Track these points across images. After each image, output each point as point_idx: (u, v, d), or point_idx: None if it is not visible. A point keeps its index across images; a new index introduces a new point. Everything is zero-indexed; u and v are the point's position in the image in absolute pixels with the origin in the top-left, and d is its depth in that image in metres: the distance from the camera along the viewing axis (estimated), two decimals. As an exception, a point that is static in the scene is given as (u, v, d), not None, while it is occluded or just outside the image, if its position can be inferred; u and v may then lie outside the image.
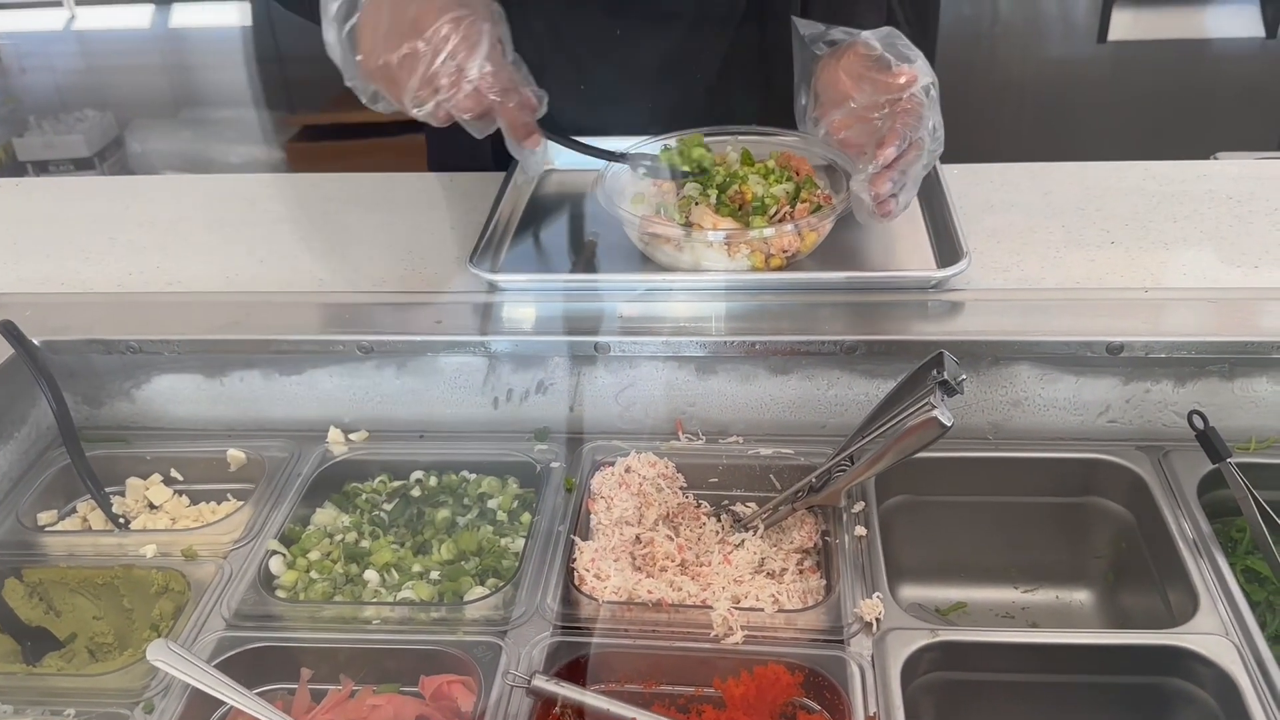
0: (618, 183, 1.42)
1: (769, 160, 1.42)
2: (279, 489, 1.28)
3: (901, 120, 1.25)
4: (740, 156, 1.43)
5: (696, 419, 1.34)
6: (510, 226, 1.49)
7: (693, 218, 1.32)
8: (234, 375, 1.35)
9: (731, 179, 1.36)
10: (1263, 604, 1.11)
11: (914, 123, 1.25)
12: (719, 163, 1.41)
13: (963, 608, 1.29)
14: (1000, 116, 2.95)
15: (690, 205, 1.34)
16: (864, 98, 1.31)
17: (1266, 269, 1.33)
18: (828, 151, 1.43)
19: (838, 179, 1.42)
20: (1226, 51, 2.78)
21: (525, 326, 1.31)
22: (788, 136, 1.48)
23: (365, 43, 1.22)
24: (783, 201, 1.34)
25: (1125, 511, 1.25)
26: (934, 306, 1.29)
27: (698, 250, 1.31)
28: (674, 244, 1.32)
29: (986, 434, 1.30)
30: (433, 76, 1.18)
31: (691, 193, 1.36)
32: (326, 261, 1.47)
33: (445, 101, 1.20)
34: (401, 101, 1.22)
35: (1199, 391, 1.26)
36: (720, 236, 1.30)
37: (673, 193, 1.39)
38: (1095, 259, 1.36)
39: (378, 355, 1.32)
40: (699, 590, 1.13)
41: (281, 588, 1.18)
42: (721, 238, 1.30)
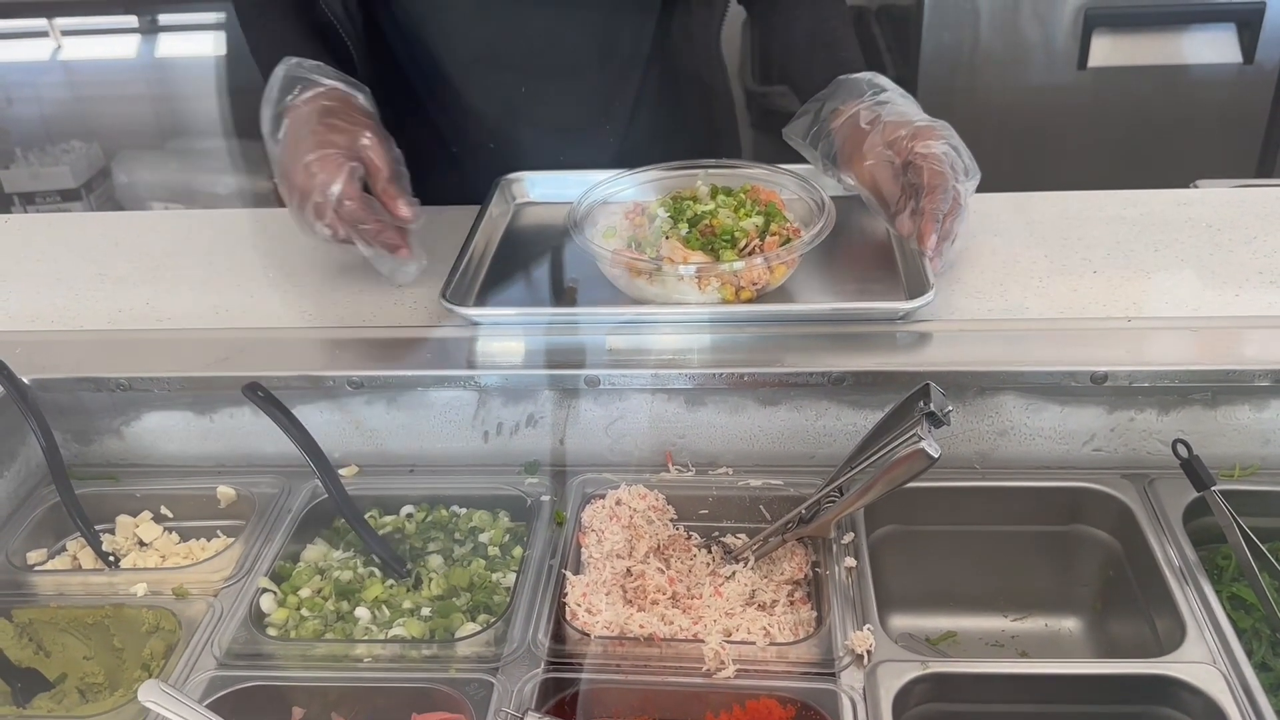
0: (590, 216, 1.44)
1: (739, 193, 1.44)
2: (269, 525, 1.28)
3: (932, 174, 1.32)
4: (710, 191, 1.45)
5: (686, 450, 1.35)
6: (485, 260, 1.50)
7: (663, 251, 1.34)
8: (224, 412, 1.36)
9: (702, 214, 1.38)
10: (1249, 631, 1.12)
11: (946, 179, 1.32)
12: (690, 196, 1.43)
13: (953, 637, 1.30)
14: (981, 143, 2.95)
15: (661, 238, 1.35)
16: (886, 146, 1.38)
17: (1247, 297, 1.35)
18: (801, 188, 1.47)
19: (806, 212, 1.43)
20: (1205, 77, 2.81)
21: (514, 360, 1.32)
22: (756, 169, 1.50)
23: (277, 164, 1.37)
24: (752, 234, 1.35)
25: (1112, 540, 1.26)
26: (918, 337, 1.30)
27: (669, 283, 1.33)
28: (646, 277, 1.33)
29: (974, 464, 1.31)
30: (306, 206, 1.31)
31: (663, 226, 1.37)
32: (315, 296, 1.47)
33: (319, 229, 1.33)
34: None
35: (1183, 420, 1.27)
36: (691, 270, 1.31)
37: (644, 226, 1.40)
38: (1078, 288, 1.38)
39: (367, 390, 1.33)
40: (690, 624, 1.14)
41: (272, 625, 1.18)
42: (692, 271, 1.31)
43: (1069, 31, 2.81)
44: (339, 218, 1.30)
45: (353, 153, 1.31)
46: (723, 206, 1.40)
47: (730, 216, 1.38)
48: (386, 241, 1.34)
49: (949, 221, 1.32)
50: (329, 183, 1.29)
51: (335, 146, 1.31)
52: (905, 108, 1.42)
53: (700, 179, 1.49)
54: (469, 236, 1.49)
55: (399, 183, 1.34)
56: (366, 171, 1.33)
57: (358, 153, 1.32)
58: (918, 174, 1.32)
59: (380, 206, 1.34)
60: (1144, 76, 2.82)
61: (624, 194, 1.51)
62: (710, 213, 1.38)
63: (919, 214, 1.31)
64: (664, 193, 1.48)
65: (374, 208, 1.33)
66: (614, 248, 1.37)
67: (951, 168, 1.33)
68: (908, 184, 1.35)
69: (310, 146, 1.31)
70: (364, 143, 1.32)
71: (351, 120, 1.35)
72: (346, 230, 1.32)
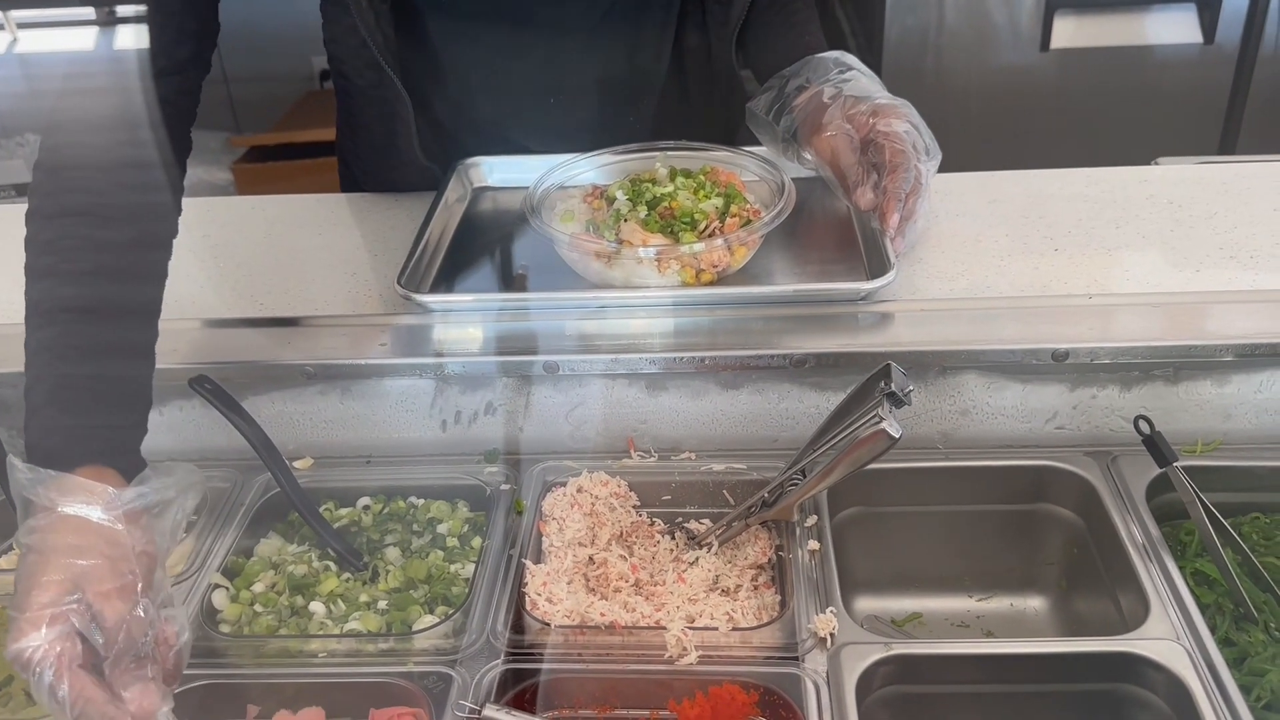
0: (547, 200, 1.41)
1: (698, 174, 1.42)
2: (221, 520, 1.25)
3: (894, 153, 1.29)
4: (669, 173, 1.43)
5: (648, 436, 1.33)
6: (442, 246, 1.47)
7: (622, 234, 1.32)
8: (173, 404, 1.33)
9: (661, 197, 1.36)
10: (1212, 606, 1.12)
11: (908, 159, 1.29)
12: (649, 179, 1.41)
13: (918, 618, 1.29)
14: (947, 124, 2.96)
15: (619, 221, 1.33)
16: (845, 120, 1.35)
17: (1208, 272, 1.34)
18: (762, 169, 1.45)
19: (767, 193, 1.42)
20: (1166, 58, 2.83)
21: (472, 347, 1.29)
22: (718, 151, 1.48)
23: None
24: (712, 216, 1.33)
25: (1075, 517, 1.25)
26: (880, 317, 1.29)
27: (628, 266, 1.31)
28: (605, 260, 1.31)
29: (936, 444, 1.30)
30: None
31: (621, 208, 1.35)
32: (268, 285, 1.44)
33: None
34: None
35: (1145, 396, 1.26)
36: (651, 253, 1.29)
37: (603, 209, 1.38)
38: (1040, 266, 1.37)
39: (321, 380, 1.30)
40: (653, 611, 1.12)
41: (225, 622, 1.15)
42: (652, 254, 1.29)
43: (1032, 13, 2.82)
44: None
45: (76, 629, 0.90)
46: (682, 189, 1.38)
47: (690, 198, 1.36)
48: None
49: (911, 201, 1.30)
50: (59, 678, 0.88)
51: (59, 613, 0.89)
52: (868, 85, 1.40)
53: (659, 161, 1.47)
54: (425, 222, 1.46)
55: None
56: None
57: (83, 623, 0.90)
58: (879, 153, 1.31)
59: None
60: (1106, 57, 2.83)
61: (582, 177, 1.49)
62: (669, 195, 1.36)
63: (881, 193, 1.29)
64: (622, 175, 1.45)
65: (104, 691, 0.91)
66: (572, 232, 1.35)
67: (913, 147, 1.31)
68: (867, 163, 1.33)
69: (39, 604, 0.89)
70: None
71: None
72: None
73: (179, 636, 0.95)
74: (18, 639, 0.88)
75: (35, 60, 3.90)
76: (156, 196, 1.13)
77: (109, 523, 0.93)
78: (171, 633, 0.95)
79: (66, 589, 0.90)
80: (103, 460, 0.97)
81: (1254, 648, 1.07)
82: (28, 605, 0.88)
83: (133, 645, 0.90)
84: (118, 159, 1.10)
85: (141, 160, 1.12)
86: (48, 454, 0.96)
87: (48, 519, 0.93)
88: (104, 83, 1.22)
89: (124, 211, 1.08)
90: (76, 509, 0.93)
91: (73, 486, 0.94)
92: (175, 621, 0.95)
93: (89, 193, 1.07)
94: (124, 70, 1.25)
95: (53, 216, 1.07)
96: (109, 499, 0.94)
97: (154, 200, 1.12)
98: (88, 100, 1.17)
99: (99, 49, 3.81)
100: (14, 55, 3.95)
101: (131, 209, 1.08)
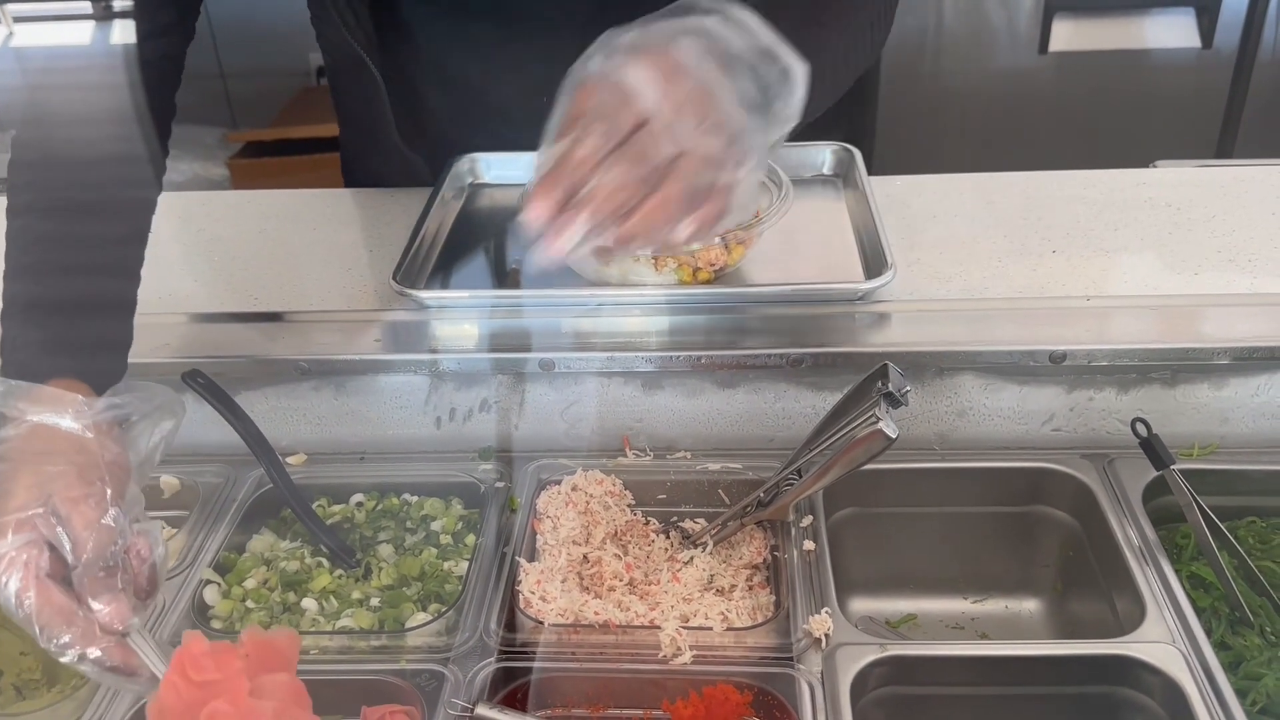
0: None
1: None
2: (213, 516, 1.25)
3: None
4: None
5: (644, 434, 1.32)
6: (438, 242, 1.46)
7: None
8: (167, 399, 1.32)
9: None
10: (1208, 610, 1.11)
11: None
12: None
13: (913, 619, 1.29)
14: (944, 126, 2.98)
15: None
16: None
17: (1206, 276, 1.34)
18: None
19: (764, 192, 1.41)
20: (1164, 62, 2.83)
21: (467, 344, 1.29)
22: None
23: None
24: None
25: (1072, 520, 1.25)
26: (878, 318, 1.29)
27: (624, 264, 1.30)
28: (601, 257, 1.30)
29: (933, 445, 1.30)
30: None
31: None
32: (262, 279, 1.43)
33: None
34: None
35: (1142, 399, 1.26)
36: (648, 251, 1.28)
37: None
38: (1037, 268, 1.36)
39: (315, 376, 1.29)
40: (647, 610, 1.11)
41: (216, 618, 1.14)
42: (649, 252, 1.29)
43: (1031, 16, 2.82)
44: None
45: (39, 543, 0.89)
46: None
47: (687, 197, 1.35)
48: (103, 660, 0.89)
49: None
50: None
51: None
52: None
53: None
54: (421, 218, 1.45)
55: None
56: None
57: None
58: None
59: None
60: (1104, 60, 2.83)
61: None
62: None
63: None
64: (619, 172, 1.44)
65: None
66: (569, 229, 1.34)
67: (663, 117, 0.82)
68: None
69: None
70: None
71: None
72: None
73: (151, 550, 0.94)
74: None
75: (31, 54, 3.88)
76: (129, 147, 1.11)
77: (78, 431, 0.93)
78: (145, 545, 0.93)
79: (34, 496, 0.89)
80: (74, 375, 0.97)
81: (1249, 651, 1.07)
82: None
83: (101, 554, 0.88)
84: (81, 114, 1.11)
85: (104, 156, 1.10)
86: (20, 367, 0.96)
87: (17, 429, 0.93)
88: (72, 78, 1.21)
89: (96, 157, 1.08)
90: (45, 418, 0.93)
91: (43, 396, 0.94)
92: (149, 535, 0.94)
93: (57, 162, 1.08)
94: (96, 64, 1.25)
95: (19, 212, 1.06)
96: (78, 407, 0.93)
97: (126, 151, 1.10)
98: (54, 94, 1.17)
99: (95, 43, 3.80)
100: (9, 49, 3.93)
101: (102, 160, 1.08)
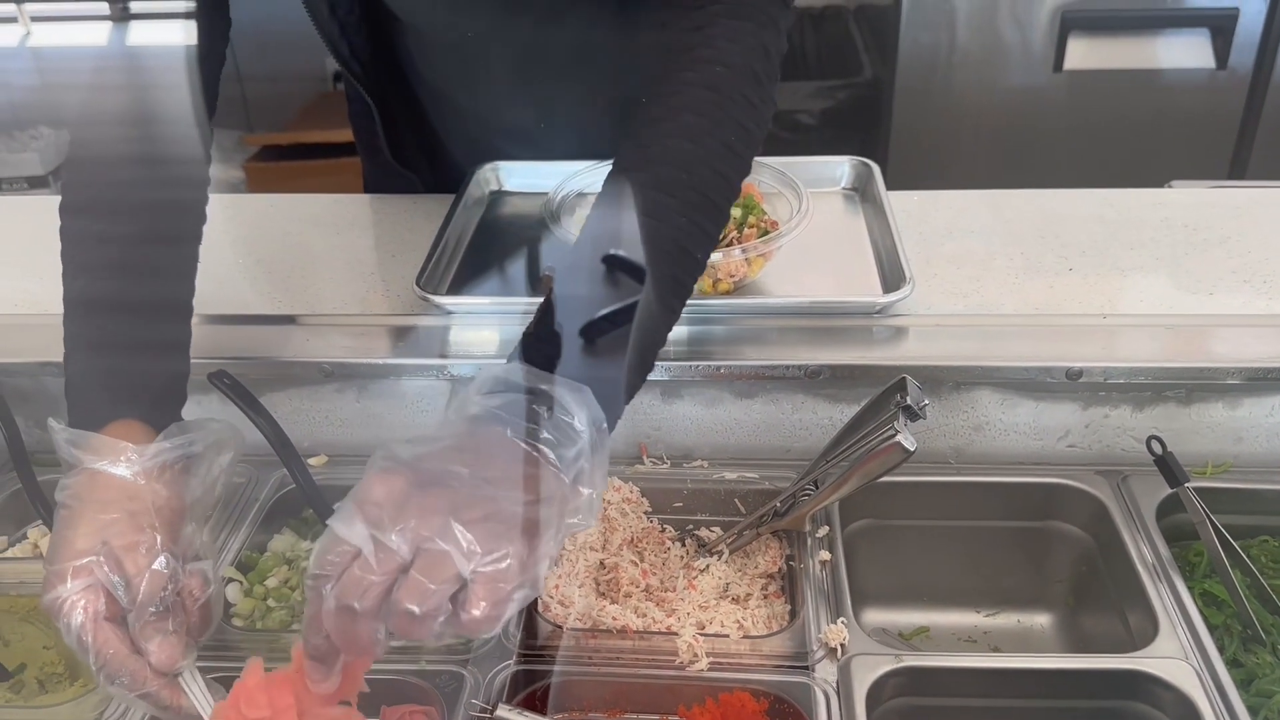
0: (566, 205, 1.42)
1: None
2: (236, 515, 1.26)
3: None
4: None
5: (661, 443, 1.34)
6: (460, 248, 1.48)
7: (641, 242, 1.32)
8: (191, 399, 1.32)
9: None
10: (1221, 627, 1.12)
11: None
12: None
13: (925, 632, 1.30)
14: (958, 143, 2.99)
15: None
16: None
17: (1221, 296, 1.35)
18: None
19: (784, 205, 1.42)
20: (1179, 82, 2.84)
21: (488, 350, 1.30)
22: None
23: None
24: (730, 227, 1.34)
25: (1085, 535, 1.26)
26: (895, 332, 1.30)
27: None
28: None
29: (948, 459, 1.31)
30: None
31: None
32: (285, 283, 1.45)
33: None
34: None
35: (1157, 416, 1.27)
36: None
37: None
38: (1054, 285, 1.38)
39: (338, 378, 1.31)
40: (664, 616, 1.13)
41: (238, 616, 1.16)
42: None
43: (1045, 33, 2.83)
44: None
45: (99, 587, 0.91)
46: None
47: (708, 208, 1.37)
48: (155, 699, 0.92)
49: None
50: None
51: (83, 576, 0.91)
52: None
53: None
54: (444, 224, 1.47)
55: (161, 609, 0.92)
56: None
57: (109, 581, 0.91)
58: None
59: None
60: (1119, 79, 2.84)
61: (600, 184, 1.49)
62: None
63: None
64: (641, 184, 1.46)
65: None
66: (591, 238, 1.36)
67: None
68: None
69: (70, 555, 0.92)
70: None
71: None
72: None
73: (205, 589, 0.97)
74: (47, 590, 0.92)
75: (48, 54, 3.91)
76: (174, 192, 1.14)
77: (130, 479, 0.97)
78: (198, 584, 0.96)
79: (91, 543, 0.93)
80: (135, 416, 1.01)
81: (1261, 669, 1.08)
82: (56, 558, 0.93)
83: (153, 599, 0.91)
84: (135, 154, 1.13)
85: (158, 156, 1.14)
86: (83, 411, 1.02)
87: (76, 476, 0.98)
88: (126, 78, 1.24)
89: (140, 205, 1.10)
90: (101, 465, 0.97)
91: (100, 445, 0.98)
92: (203, 575, 0.97)
93: (105, 186, 1.10)
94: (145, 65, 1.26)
95: (75, 210, 1.11)
96: (129, 456, 0.97)
97: (171, 196, 1.14)
98: (109, 95, 1.19)
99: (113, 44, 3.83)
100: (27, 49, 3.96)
101: (148, 204, 1.11)
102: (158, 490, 0.96)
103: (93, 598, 0.90)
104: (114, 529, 0.93)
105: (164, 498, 0.96)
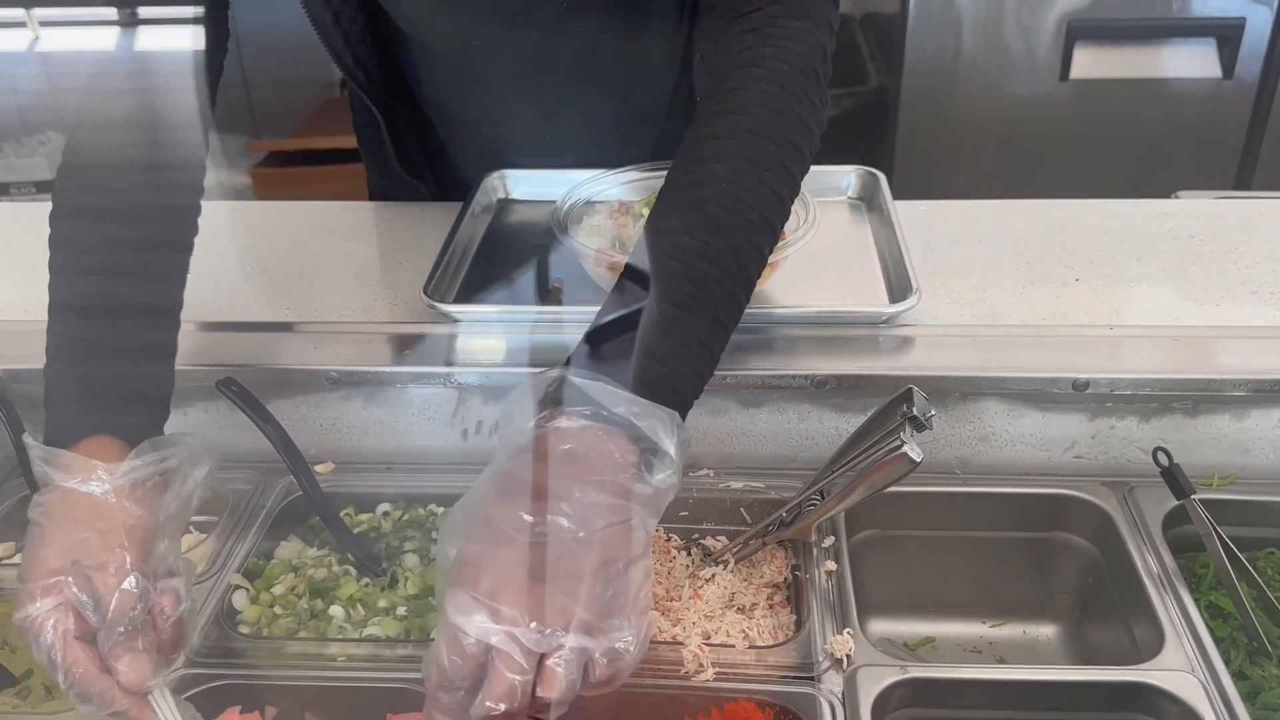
0: (573, 214, 1.43)
1: None
2: (242, 522, 1.26)
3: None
4: None
5: (667, 452, 1.33)
6: (467, 256, 1.49)
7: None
8: (198, 406, 1.33)
9: None
10: (1227, 640, 1.12)
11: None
12: None
13: (931, 642, 1.29)
14: (963, 152, 2.99)
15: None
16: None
17: (1228, 307, 1.35)
18: None
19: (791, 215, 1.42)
20: (1185, 91, 2.84)
21: (496, 358, 1.30)
22: None
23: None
24: None
25: (1091, 547, 1.26)
26: (901, 342, 1.30)
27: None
28: None
29: (954, 469, 1.31)
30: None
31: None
32: (293, 291, 1.46)
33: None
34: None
35: (1163, 428, 1.27)
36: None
37: (629, 225, 1.39)
38: (1060, 295, 1.38)
39: (345, 386, 1.31)
40: (669, 626, 1.13)
41: (245, 623, 1.16)
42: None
43: (1051, 43, 2.83)
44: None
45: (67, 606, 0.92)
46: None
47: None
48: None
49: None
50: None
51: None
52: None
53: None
54: (451, 233, 1.47)
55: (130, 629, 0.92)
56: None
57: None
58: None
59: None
60: (1125, 89, 2.84)
61: (608, 193, 1.50)
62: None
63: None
64: (648, 192, 1.46)
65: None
66: (598, 247, 1.36)
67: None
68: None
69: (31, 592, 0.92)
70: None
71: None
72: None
73: (176, 607, 0.97)
74: (18, 609, 0.92)
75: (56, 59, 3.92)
76: (171, 198, 1.15)
77: (100, 497, 0.96)
78: (169, 603, 0.96)
79: (62, 562, 0.93)
80: (110, 431, 1.00)
81: (1268, 682, 1.08)
82: (27, 577, 0.93)
83: (122, 618, 0.91)
84: (133, 159, 1.13)
85: (157, 161, 1.14)
86: (59, 426, 1.01)
87: (49, 495, 0.97)
88: (124, 83, 1.24)
89: (138, 211, 1.10)
90: (72, 484, 0.97)
91: (71, 463, 0.97)
92: (174, 592, 0.97)
93: (104, 191, 1.10)
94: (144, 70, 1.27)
95: (69, 215, 1.11)
96: (99, 475, 0.97)
97: (167, 202, 1.14)
98: (108, 100, 1.20)
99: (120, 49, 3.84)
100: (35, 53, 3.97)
101: (146, 209, 1.11)
102: (129, 508, 0.96)
103: (62, 616, 0.91)
104: (84, 548, 0.93)
105: (135, 516, 0.96)
